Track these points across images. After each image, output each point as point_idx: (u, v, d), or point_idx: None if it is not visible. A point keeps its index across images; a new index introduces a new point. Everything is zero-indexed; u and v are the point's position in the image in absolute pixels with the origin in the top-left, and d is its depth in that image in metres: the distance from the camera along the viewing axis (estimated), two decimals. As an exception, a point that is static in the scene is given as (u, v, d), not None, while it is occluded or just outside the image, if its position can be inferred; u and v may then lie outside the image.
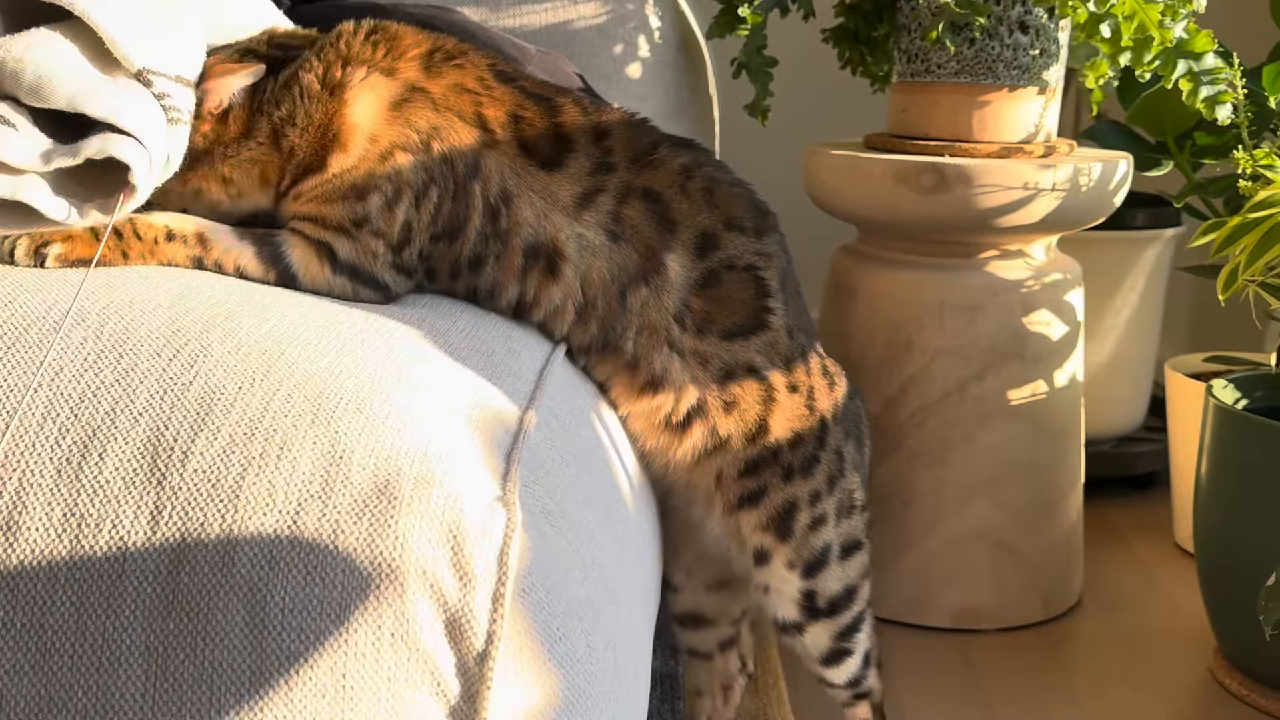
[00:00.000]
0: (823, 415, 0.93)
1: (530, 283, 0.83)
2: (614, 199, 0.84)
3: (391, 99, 0.80)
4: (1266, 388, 1.41)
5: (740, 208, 0.89)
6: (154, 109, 0.70)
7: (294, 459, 0.57)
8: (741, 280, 0.88)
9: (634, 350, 0.85)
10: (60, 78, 0.68)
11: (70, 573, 0.54)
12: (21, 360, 0.60)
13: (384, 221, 0.80)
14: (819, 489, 0.93)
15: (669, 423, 0.87)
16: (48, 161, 0.67)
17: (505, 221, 0.82)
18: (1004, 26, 1.33)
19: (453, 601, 0.56)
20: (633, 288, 0.84)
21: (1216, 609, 1.38)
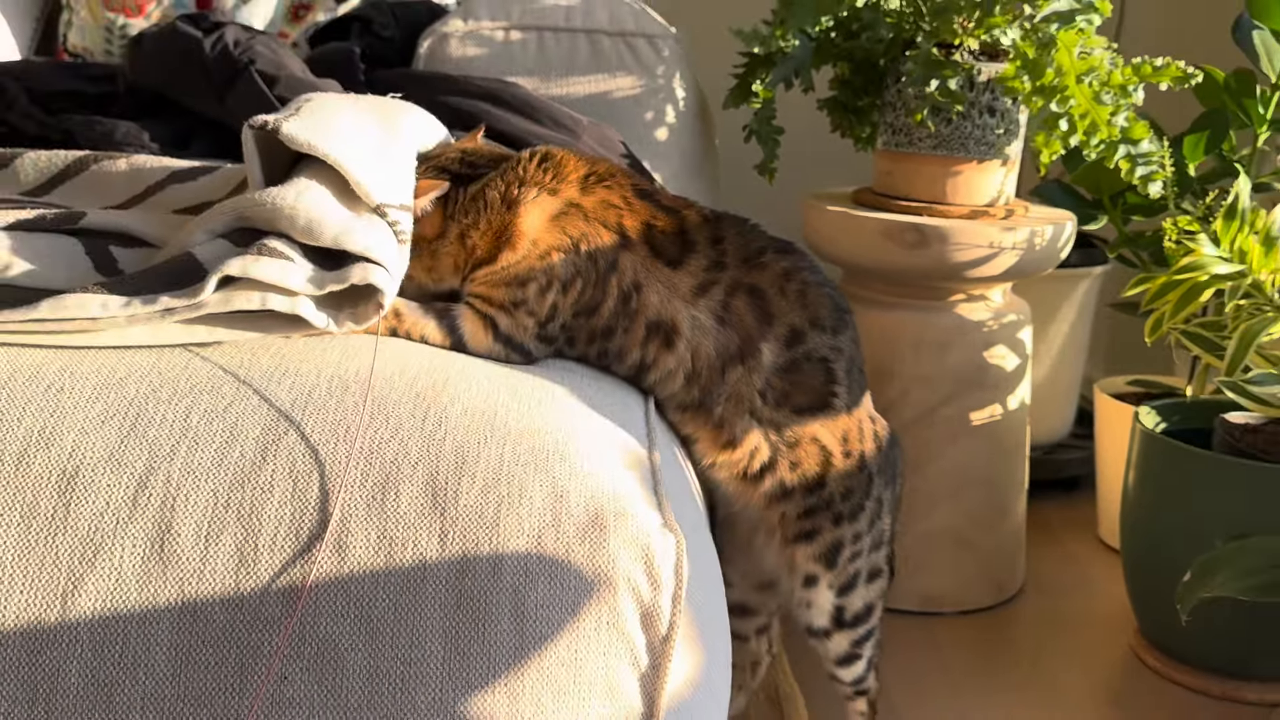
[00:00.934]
0: (870, 472, 1.15)
1: (650, 350, 1.04)
2: (724, 291, 1.05)
3: (552, 213, 1.02)
4: (1183, 412, 1.69)
5: (824, 308, 1.10)
6: (389, 235, 0.91)
7: (531, 498, 0.80)
8: (816, 369, 1.09)
9: (721, 414, 1.06)
10: (325, 221, 0.88)
11: (387, 578, 0.76)
12: (333, 420, 0.81)
13: (537, 304, 1.02)
14: (861, 531, 1.15)
15: (746, 473, 1.09)
16: (321, 287, 0.87)
17: (635, 304, 1.04)
18: (975, 110, 1.59)
19: (647, 600, 0.79)
20: (731, 365, 1.05)
21: (1138, 595, 1.66)
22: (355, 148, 0.94)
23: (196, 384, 0.84)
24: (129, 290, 0.86)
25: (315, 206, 0.89)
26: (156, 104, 1.52)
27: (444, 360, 0.95)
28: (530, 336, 1.03)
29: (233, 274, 0.85)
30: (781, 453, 1.09)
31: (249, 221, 0.91)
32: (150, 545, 0.76)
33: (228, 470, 0.78)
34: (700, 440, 1.08)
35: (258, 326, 0.89)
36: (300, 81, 1.44)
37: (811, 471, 1.11)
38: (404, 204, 0.95)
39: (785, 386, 1.08)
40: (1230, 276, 1.51)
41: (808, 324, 1.09)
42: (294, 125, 0.92)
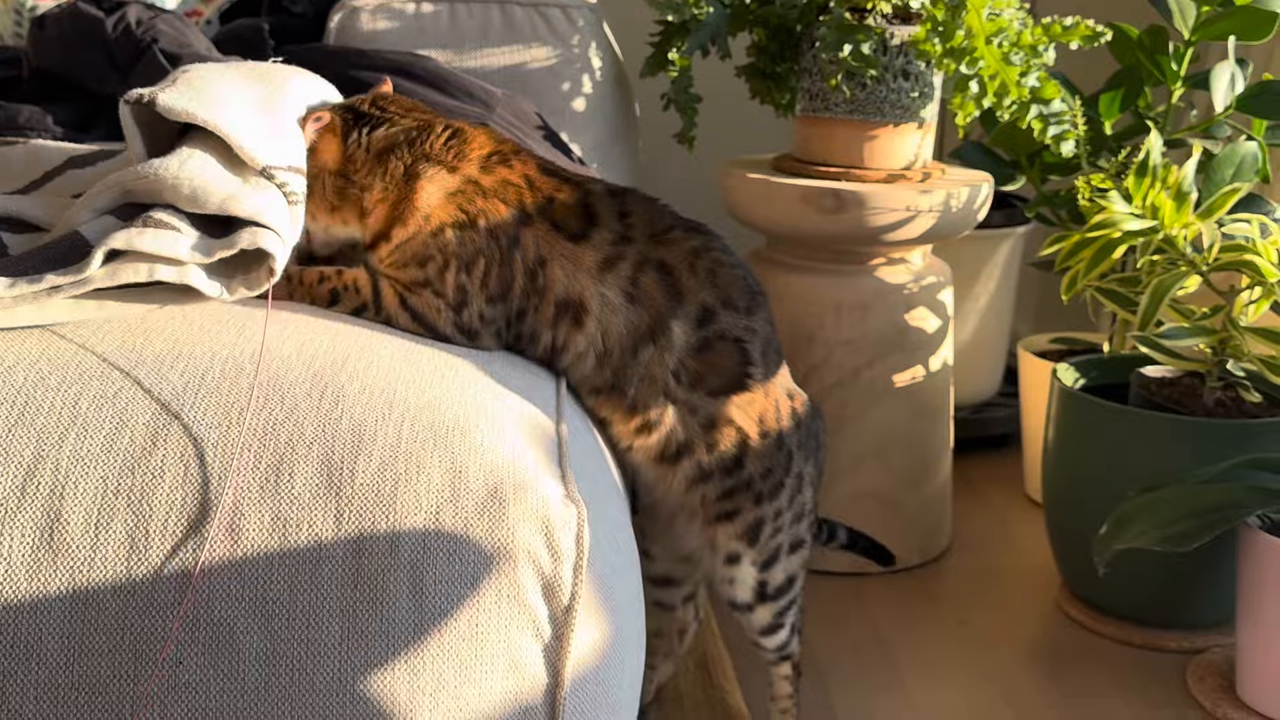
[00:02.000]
0: (789, 449, 1.15)
1: (561, 331, 1.04)
2: (632, 267, 1.05)
3: (449, 190, 1.02)
4: (1101, 368, 1.72)
5: (736, 289, 1.10)
6: (278, 198, 0.90)
7: (429, 475, 0.79)
8: (730, 350, 1.09)
9: (635, 396, 1.06)
10: (210, 187, 0.87)
11: (281, 560, 0.76)
12: (225, 402, 0.81)
13: (439, 283, 1.01)
14: (782, 507, 1.16)
15: (663, 456, 1.09)
16: (209, 254, 0.86)
17: (542, 280, 1.03)
18: (890, 74, 1.59)
19: (548, 572, 0.79)
20: (643, 344, 1.05)
21: (1060, 551, 1.69)
22: (235, 112, 0.93)
23: (86, 370, 0.82)
24: (13, 271, 0.84)
25: (199, 173, 0.88)
26: (60, 86, 1.49)
27: (345, 338, 0.94)
28: (447, 323, 1.02)
29: (118, 248, 0.84)
30: (697, 435, 1.09)
31: (133, 195, 0.90)
32: (40, 534, 0.75)
33: (117, 457, 0.78)
34: (615, 423, 1.08)
35: (149, 298, 0.88)
36: (204, 58, 1.42)
37: (729, 453, 1.11)
38: (292, 165, 0.94)
39: (699, 367, 1.08)
40: (1142, 232, 1.53)
41: (719, 303, 1.09)
42: (170, 96, 0.91)
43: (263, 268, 0.89)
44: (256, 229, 0.87)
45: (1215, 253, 1.49)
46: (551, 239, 1.04)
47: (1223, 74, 1.72)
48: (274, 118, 0.98)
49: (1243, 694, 1.44)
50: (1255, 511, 1.37)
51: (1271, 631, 1.39)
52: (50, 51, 1.49)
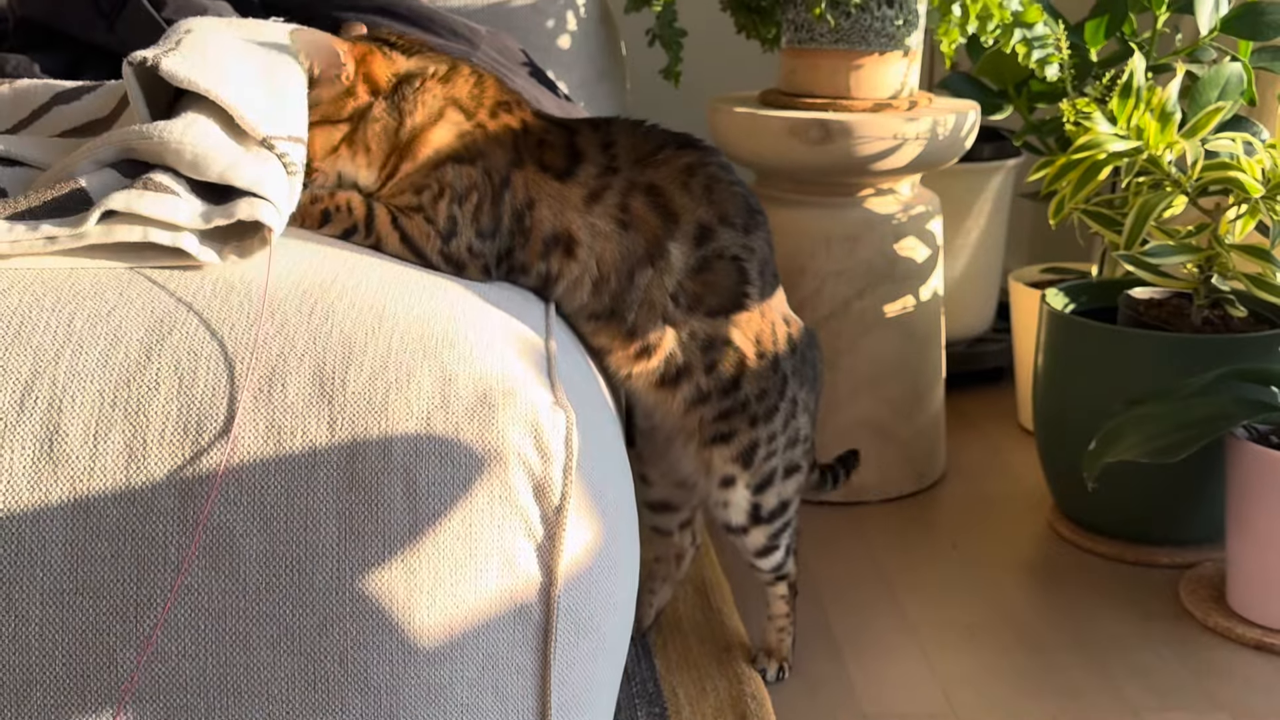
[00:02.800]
0: (784, 373, 1.17)
1: (553, 262, 1.06)
2: (619, 194, 1.07)
3: (461, 130, 1.05)
4: (1090, 293, 1.73)
5: (734, 205, 1.11)
6: (277, 168, 0.90)
7: (419, 382, 0.81)
8: (728, 268, 1.11)
9: (634, 321, 1.08)
10: (212, 155, 0.87)
11: (277, 466, 0.77)
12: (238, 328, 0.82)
13: (432, 209, 1.03)
14: (776, 430, 1.18)
15: (663, 380, 1.11)
16: (208, 221, 0.86)
17: (528, 221, 1.05)
18: (874, 2, 1.60)
19: (538, 473, 0.81)
20: (640, 268, 1.07)
21: (1052, 473, 1.71)
22: (238, 80, 0.93)
23: (80, 291, 0.84)
24: (9, 212, 0.85)
25: (202, 140, 0.88)
26: (45, 35, 1.49)
27: (333, 260, 0.95)
28: (434, 250, 1.03)
29: (117, 209, 0.85)
30: (696, 357, 1.11)
31: (135, 154, 0.91)
32: (39, 447, 0.76)
33: (113, 371, 0.79)
34: (615, 351, 1.10)
35: (141, 257, 0.87)
36: (190, 4, 1.42)
37: (727, 374, 1.13)
38: (293, 135, 0.94)
39: (697, 288, 1.09)
40: (1127, 153, 1.54)
41: (716, 220, 1.10)
42: (174, 61, 0.91)
43: (255, 236, 0.89)
44: (254, 200, 0.87)
45: (1199, 171, 1.50)
46: (539, 179, 1.06)
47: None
48: (274, 83, 0.98)
49: (1233, 604, 1.46)
50: (1242, 422, 1.39)
51: (1260, 540, 1.41)
52: (35, 1, 1.49)
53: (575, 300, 1.08)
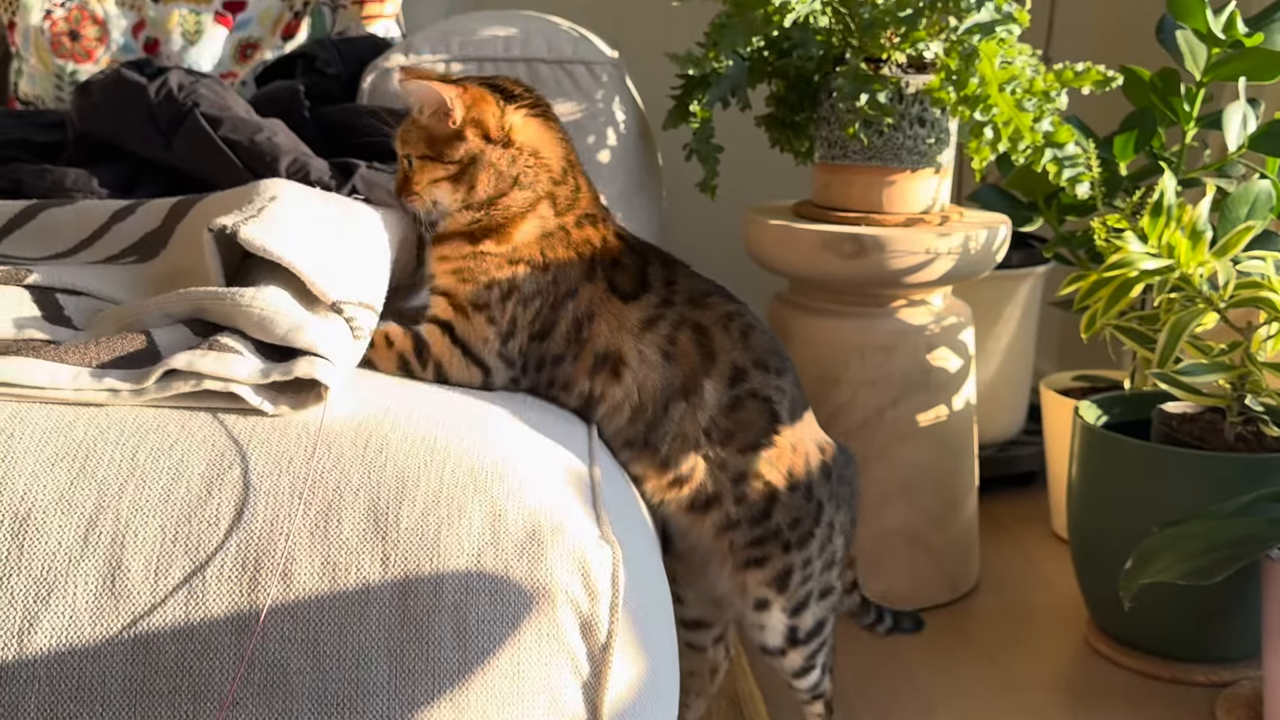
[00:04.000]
0: (819, 500, 1.18)
1: (598, 382, 1.09)
2: (670, 326, 1.10)
3: (545, 230, 1.09)
4: (1123, 405, 1.74)
5: (767, 351, 1.15)
6: (343, 330, 0.93)
7: (470, 518, 0.83)
8: (759, 408, 1.14)
9: (667, 452, 1.10)
10: (278, 318, 0.90)
11: (332, 602, 0.79)
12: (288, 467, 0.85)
13: (498, 310, 1.07)
14: (811, 555, 1.18)
15: (693, 505, 1.13)
16: (266, 377, 0.89)
17: (586, 332, 1.09)
18: (906, 121, 1.63)
19: (585, 611, 0.82)
20: (675, 400, 1.10)
21: (1087, 585, 1.70)
22: (315, 247, 0.97)
23: (143, 424, 0.87)
24: (78, 359, 0.89)
25: (270, 303, 0.91)
26: (104, 149, 1.55)
27: (385, 389, 0.98)
28: (491, 352, 1.07)
29: (178, 368, 0.88)
30: (726, 488, 1.13)
31: (206, 313, 0.95)
32: (102, 581, 0.79)
33: (174, 506, 0.81)
34: (648, 479, 1.12)
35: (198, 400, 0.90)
36: (245, 122, 1.47)
37: (757, 504, 1.15)
38: (364, 302, 0.97)
39: (729, 425, 1.12)
40: (1158, 271, 1.55)
41: (750, 363, 1.14)
42: (252, 228, 0.95)
43: (311, 392, 0.91)
44: (315, 359, 0.90)
45: (1231, 290, 1.51)
46: (605, 297, 1.10)
47: (1235, 114, 1.75)
48: (353, 251, 1.02)
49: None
50: (1277, 545, 1.39)
51: (1299, 663, 1.40)
52: (95, 116, 1.54)
53: (612, 425, 1.11)
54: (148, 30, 2.06)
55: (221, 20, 2.07)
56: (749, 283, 1.69)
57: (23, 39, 2.05)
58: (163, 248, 1.16)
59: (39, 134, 1.63)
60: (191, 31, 2.05)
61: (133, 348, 0.90)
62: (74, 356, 0.89)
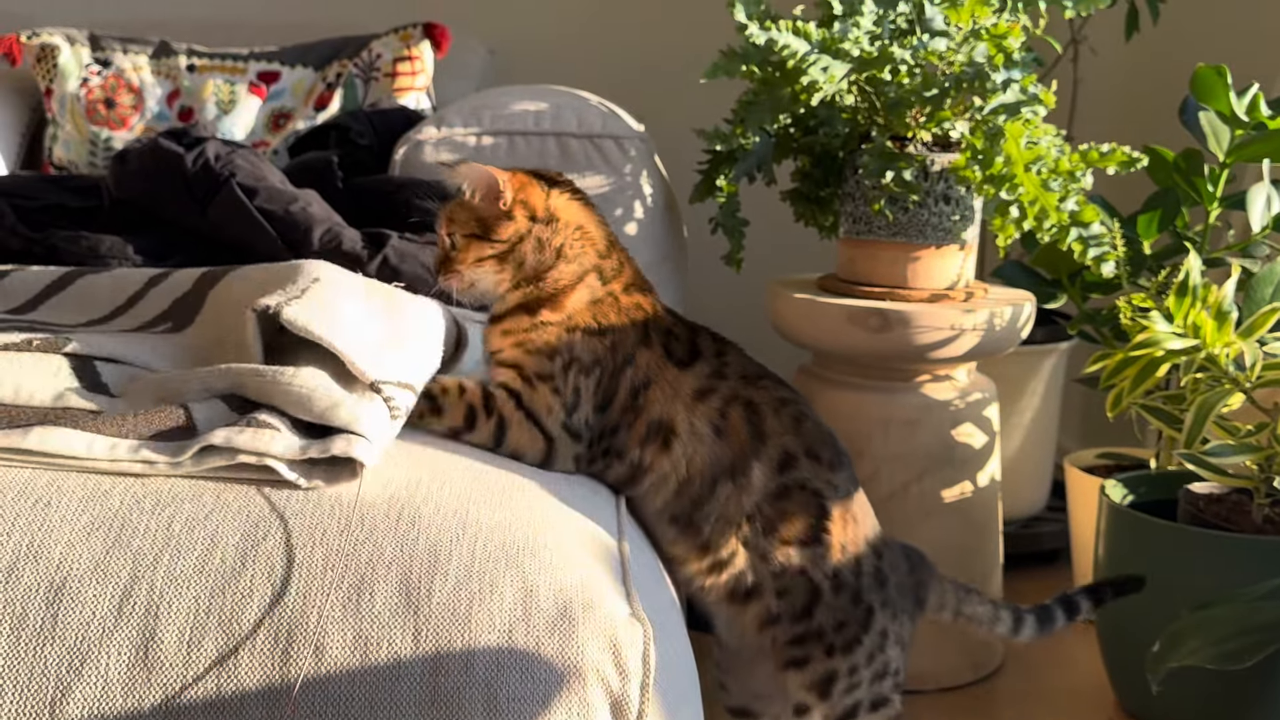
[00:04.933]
0: (870, 605, 1.13)
1: (648, 452, 1.09)
2: (722, 400, 1.10)
3: (594, 298, 1.11)
4: (1149, 484, 1.73)
5: (821, 442, 1.13)
6: (381, 409, 0.93)
7: (502, 594, 0.83)
8: (807, 501, 1.11)
9: (709, 534, 1.09)
10: (317, 395, 0.91)
11: (363, 678, 0.79)
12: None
13: (562, 381, 1.08)
14: (858, 664, 1.13)
15: (733, 596, 1.11)
16: (304, 453, 0.89)
17: (642, 400, 1.09)
18: (931, 199, 1.65)
19: (616, 690, 0.82)
20: (722, 480, 1.09)
21: (1113, 667, 1.68)
22: (356, 328, 0.98)
23: (178, 493, 0.87)
24: (116, 431, 0.89)
25: (309, 381, 0.92)
26: (140, 217, 1.57)
27: (419, 460, 0.98)
28: (556, 422, 1.08)
29: (215, 444, 0.88)
30: (767, 580, 1.11)
31: (245, 390, 0.95)
32: (135, 653, 0.79)
33: (209, 577, 0.82)
34: (689, 562, 1.11)
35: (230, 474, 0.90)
36: (280, 192, 1.50)
37: (799, 601, 1.11)
38: (403, 382, 0.98)
39: (774, 514, 1.10)
40: (1184, 351, 1.56)
41: (801, 451, 1.12)
42: (294, 310, 0.96)
43: (346, 468, 0.91)
44: (352, 437, 0.90)
45: (1259, 371, 1.51)
46: (661, 364, 1.11)
47: (1258, 195, 1.76)
48: (394, 332, 1.03)
49: (1305, 816, 1.42)
50: (1309, 629, 1.37)
51: (1331, 752, 1.37)
52: (131, 184, 1.57)
53: (658, 499, 1.10)
54: (182, 99, 2.10)
55: (255, 91, 2.10)
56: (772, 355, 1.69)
57: (59, 105, 2.09)
58: (196, 313, 1.18)
59: (73, 199, 1.66)
60: (225, 101, 2.09)
61: (171, 423, 0.91)
62: (112, 428, 0.90)
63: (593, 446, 1.09)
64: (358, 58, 2.09)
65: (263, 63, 2.12)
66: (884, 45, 1.55)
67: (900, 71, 1.57)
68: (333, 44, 2.14)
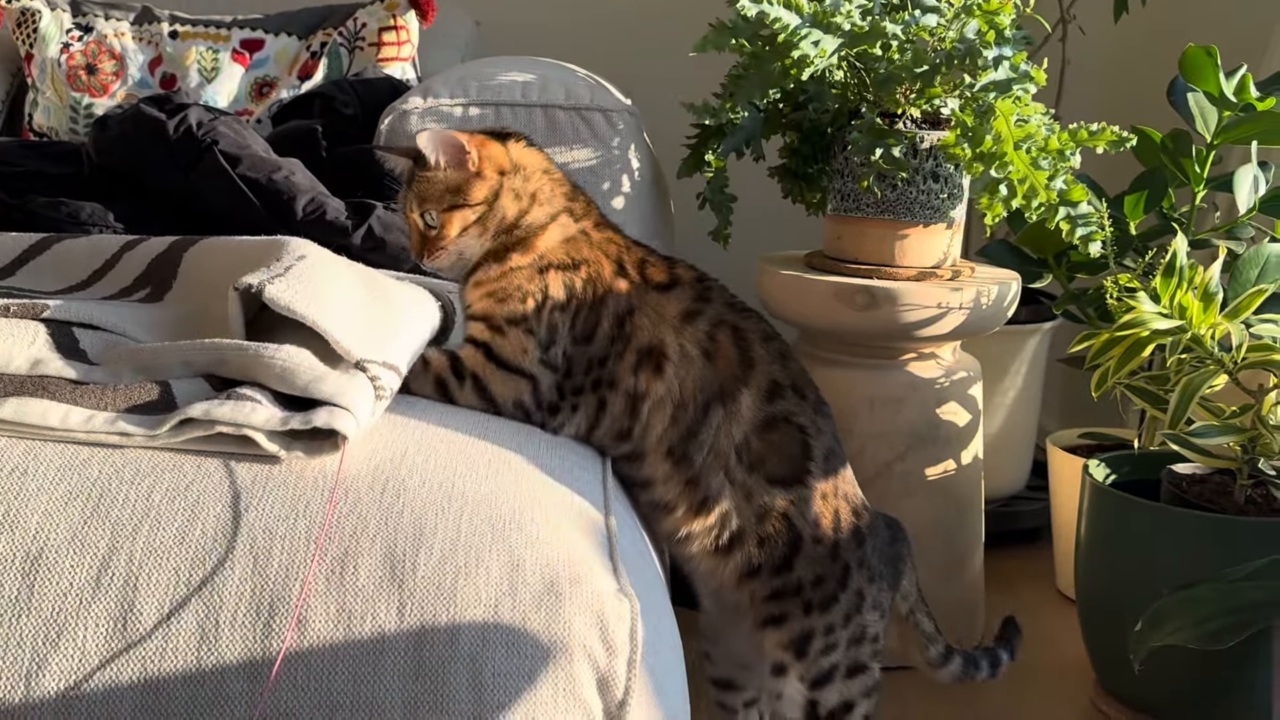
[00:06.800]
0: (846, 563, 1.13)
1: (642, 378, 1.09)
2: (709, 323, 1.11)
3: (568, 235, 1.12)
4: (1132, 464, 1.73)
5: (806, 382, 1.14)
6: (366, 386, 0.92)
7: (488, 568, 0.82)
8: (793, 436, 1.11)
9: (700, 467, 1.08)
10: (300, 369, 0.89)
11: (346, 652, 0.78)
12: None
13: (535, 320, 1.08)
14: (834, 623, 1.13)
15: (717, 546, 1.10)
16: (285, 424, 0.87)
17: (628, 327, 1.09)
18: (919, 176, 1.64)
19: (602, 666, 0.81)
20: (714, 405, 1.09)
21: (1094, 646, 1.69)
22: (340, 308, 0.96)
23: (159, 464, 0.86)
24: (93, 403, 0.88)
25: (293, 357, 0.90)
26: (120, 184, 1.55)
27: (401, 431, 0.97)
28: (533, 361, 1.08)
29: (194, 416, 0.87)
30: (750, 524, 1.11)
31: (227, 366, 0.93)
32: (113, 625, 0.77)
33: (189, 549, 0.80)
34: (678, 504, 1.10)
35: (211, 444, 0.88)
36: (263, 160, 1.47)
37: (779, 551, 1.11)
38: (389, 362, 0.96)
39: (761, 448, 1.10)
40: (1170, 332, 1.55)
41: (789, 384, 1.13)
42: (278, 288, 0.94)
43: (328, 441, 0.89)
44: (334, 409, 0.88)
45: (1243, 352, 1.51)
46: (641, 289, 1.11)
47: (1245, 177, 1.76)
48: (380, 313, 1.02)
49: (1282, 795, 1.43)
50: (1290, 610, 1.38)
51: (1310, 732, 1.38)
52: (112, 150, 1.55)
53: (656, 427, 1.09)
54: (165, 66, 2.07)
55: (239, 59, 2.08)
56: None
57: (39, 71, 2.06)
58: (173, 280, 1.16)
59: (53, 166, 1.63)
60: (208, 69, 2.06)
61: (149, 397, 0.89)
62: (89, 400, 0.88)
63: (575, 376, 1.09)
64: (342, 27, 2.06)
65: (246, 30, 2.09)
66: (875, 20, 1.54)
67: (891, 47, 1.56)
68: (317, 12, 2.11)
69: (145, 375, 0.94)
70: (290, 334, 0.96)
